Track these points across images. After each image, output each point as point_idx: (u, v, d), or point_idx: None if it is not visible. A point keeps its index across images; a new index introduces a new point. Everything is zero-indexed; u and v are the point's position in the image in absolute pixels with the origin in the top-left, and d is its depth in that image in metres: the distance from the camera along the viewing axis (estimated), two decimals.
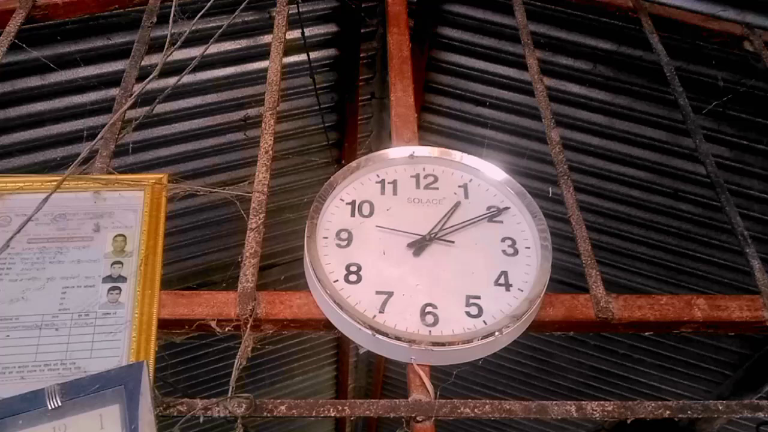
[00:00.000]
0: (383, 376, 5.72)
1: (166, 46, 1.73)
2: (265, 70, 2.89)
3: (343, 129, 3.33)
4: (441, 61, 2.99)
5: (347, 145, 3.35)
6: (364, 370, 5.87)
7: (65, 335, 1.29)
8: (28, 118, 2.52)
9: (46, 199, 1.37)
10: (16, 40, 1.91)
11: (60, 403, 1.11)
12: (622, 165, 3.08)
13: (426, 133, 3.22)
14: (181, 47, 2.52)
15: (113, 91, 2.56)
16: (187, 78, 2.65)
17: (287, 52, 2.78)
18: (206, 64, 2.74)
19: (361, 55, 2.99)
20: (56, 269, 1.39)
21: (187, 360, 4.03)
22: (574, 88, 2.84)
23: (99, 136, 1.54)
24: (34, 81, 2.43)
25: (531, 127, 3.08)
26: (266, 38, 2.77)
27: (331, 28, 2.90)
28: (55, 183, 1.51)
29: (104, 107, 2.61)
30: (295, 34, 2.70)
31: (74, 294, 1.35)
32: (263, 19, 2.68)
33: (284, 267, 4.03)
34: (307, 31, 2.75)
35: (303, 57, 2.93)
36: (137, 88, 1.78)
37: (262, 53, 2.84)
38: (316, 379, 5.49)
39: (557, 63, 2.75)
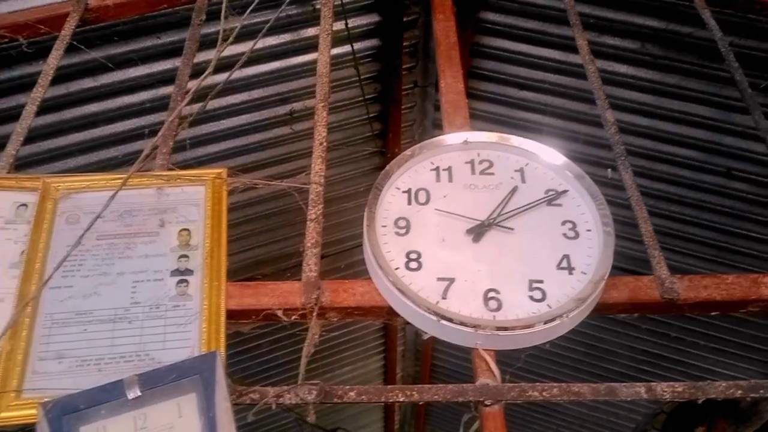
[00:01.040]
0: (431, 364, 5.73)
1: (219, 42, 1.76)
2: (309, 63, 2.95)
3: (387, 119, 3.34)
4: (484, 46, 2.97)
5: (391, 135, 3.36)
6: (412, 359, 5.90)
7: (138, 328, 1.33)
8: (82, 119, 2.59)
9: (113, 196, 1.41)
10: (74, 42, 1.96)
11: (139, 393, 1.15)
12: (672, 145, 3.02)
13: (471, 119, 3.19)
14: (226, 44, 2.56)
15: (163, 90, 2.63)
16: (234, 74, 2.68)
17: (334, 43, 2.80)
18: (251, 59, 2.76)
19: (404, 43, 2.99)
20: (125, 264, 1.43)
21: (241, 351, 4.11)
22: (622, 68, 2.79)
23: (160, 134, 1.58)
24: (87, 83, 2.50)
25: (576, 109, 3.04)
26: (309, 32, 2.79)
27: (373, 18, 2.90)
28: (119, 181, 1.56)
29: (155, 106, 2.67)
30: (338, 26, 2.72)
31: (144, 288, 1.39)
32: (306, 12, 2.70)
33: (333, 258, 4.08)
34: (350, 23, 2.76)
35: (345, 49, 2.94)
36: (191, 85, 1.82)
37: (305, 47, 2.86)
38: (365, 369, 5.54)
39: (604, 43, 2.71)
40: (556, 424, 5.47)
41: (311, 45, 2.88)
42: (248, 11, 1.79)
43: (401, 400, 1.25)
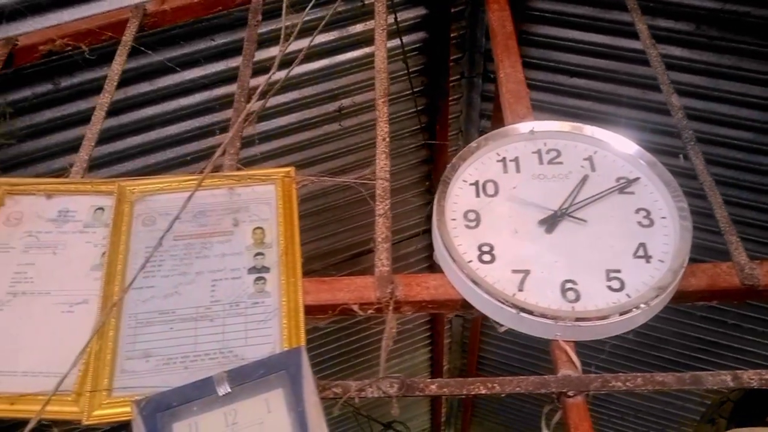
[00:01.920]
0: (478, 356, 5.72)
1: (281, 40, 1.78)
2: (357, 59, 2.96)
3: (434, 112, 3.33)
4: (532, 33, 2.94)
5: (439, 128, 3.35)
6: (458, 352, 5.89)
7: (220, 325, 1.36)
8: (140, 122, 2.64)
9: (190, 197, 1.44)
10: (141, 46, 2.00)
11: (229, 389, 1.17)
12: (729, 127, 2.95)
13: None
14: (275, 44, 2.59)
15: (217, 91, 2.68)
16: (282, 74, 2.71)
17: None
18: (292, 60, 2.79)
19: (451, 35, 2.97)
20: (203, 263, 1.46)
21: None
22: (676, 51, 2.73)
23: (230, 134, 1.60)
24: (144, 87, 2.54)
25: (628, 95, 2.99)
26: (356, 27, 2.80)
27: (419, 11, 2.90)
28: (191, 182, 1.60)
29: (209, 107, 2.72)
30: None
31: (223, 286, 1.42)
32: (354, 8, 2.71)
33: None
34: (398, 16, 2.76)
35: (392, 43, 2.94)
36: (253, 83, 1.84)
37: (353, 43, 2.87)
38: (412, 361, 5.55)
39: (657, 26, 2.65)
40: (608, 415, 5.41)
41: (359, 41, 2.89)
42: (308, 7, 1.81)
43: (483, 392, 1.26)
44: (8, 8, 2.10)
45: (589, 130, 1.57)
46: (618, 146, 1.55)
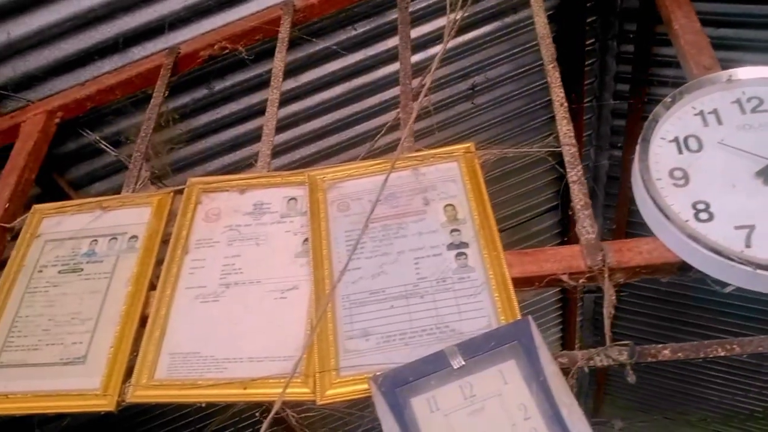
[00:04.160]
0: (612, 332, 5.54)
1: (447, 19, 1.76)
2: (486, 35, 2.90)
3: (567, 79, 3.22)
4: None
5: (573, 96, 3.24)
6: (590, 329, 5.73)
7: (431, 302, 1.37)
8: (285, 119, 2.71)
9: (386, 180, 1.46)
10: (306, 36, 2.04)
11: (464, 363, 1.18)
12: None
13: (665, 67, 3.02)
14: (417, 24, 2.58)
15: (356, 81, 2.70)
16: (419, 56, 2.70)
17: (516, 8, 2.75)
18: (433, 39, 2.77)
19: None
20: (402, 243, 1.48)
21: None
22: None
23: (413, 116, 1.61)
24: (289, 84, 2.60)
25: None
26: (490, 2, 2.75)
27: None
28: (376, 167, 1.63)
29: (349, 98, 2.75)
30: None
31: (426, 263, 1.43)
32: None
33: (512, 231, 4.04)
34: None
35: (521, 15, 2.87)
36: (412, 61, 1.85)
37: (483, 18, 2.82)
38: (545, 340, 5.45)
39: None
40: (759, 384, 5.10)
41: (487, 17, 2.84)
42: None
43: (721, 353, 1.20)
44: (169, 18, 2.20)
45: None
46: None
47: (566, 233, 4.28)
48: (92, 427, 3.31)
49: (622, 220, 4.03)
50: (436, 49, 2.79)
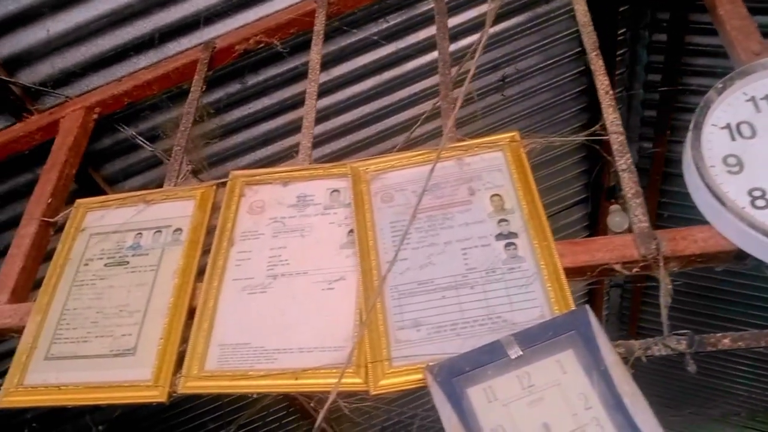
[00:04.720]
0: (637, 327, 5.50)
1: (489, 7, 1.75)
2: (516, 26, 2.88)
3: None
4: None
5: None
6: (616, 324, 5.68)
7: (481, 292, 1.36)
8: (320, 112, 2.71)
9: (432, 170, 1.45)
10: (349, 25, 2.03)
11: (521, 352, 1.17)
12: None
13: (698, 56, 2.98)
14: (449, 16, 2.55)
15: (386, 74, 2.69)
16: (451, 47, 2.68)
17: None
18: (460, 32, 2.75)
19: None
20: (449, 233, 1.47)
21: None
22: None
23: (457, 105, 1.60)
24: (321, 77, 2.59)
25: None
26: None
27: None
28: (419, 158, 1.62)
29: (380, 92, 2.74)
30: None
31: (475, 254, 1.42)
32: None
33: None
34: None
35: (550, 6, 2.85)
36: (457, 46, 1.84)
37: (515, 9, 2.79)
38: None
39: None
40: None
41: (519, 7, 2.81)
42: None
43: None
44: (204, 12, 2.20)
45: None
46: None
47: (594, 226, 4.25)
48: (122, 421, 3.34)
49: (652, 212, 3.99)
50: (468, 41, 2.78)
